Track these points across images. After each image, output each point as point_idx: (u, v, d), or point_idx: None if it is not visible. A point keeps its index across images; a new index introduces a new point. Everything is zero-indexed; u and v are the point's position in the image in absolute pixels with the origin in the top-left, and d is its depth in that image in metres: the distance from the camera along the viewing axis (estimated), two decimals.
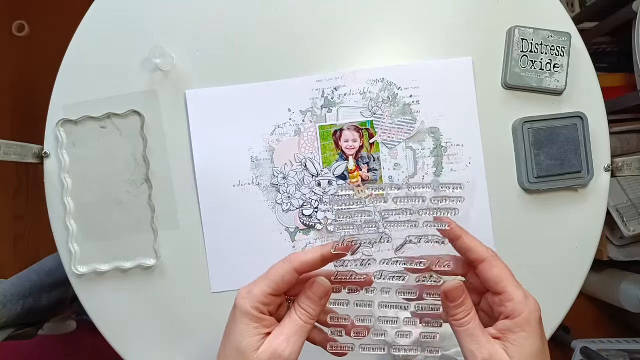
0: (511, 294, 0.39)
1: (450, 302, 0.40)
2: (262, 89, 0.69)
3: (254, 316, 0.40)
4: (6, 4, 1.60)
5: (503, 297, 0.40)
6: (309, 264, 0.41)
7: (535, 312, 0.39)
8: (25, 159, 0.68)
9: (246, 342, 0.39)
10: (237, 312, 0.40)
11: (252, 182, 0.68)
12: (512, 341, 0.39)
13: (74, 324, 1.36)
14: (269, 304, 0.41)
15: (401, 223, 0.42)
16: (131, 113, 0.68)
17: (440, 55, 0.69)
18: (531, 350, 0.38)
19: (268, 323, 0.41)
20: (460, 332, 0.40)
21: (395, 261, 0.42)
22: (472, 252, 0.41)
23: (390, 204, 0.42)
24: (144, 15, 0.69)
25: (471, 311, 0.40)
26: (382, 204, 0.42)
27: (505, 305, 0.40)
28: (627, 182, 1.32)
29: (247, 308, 0.40)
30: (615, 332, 1.51)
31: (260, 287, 0.41)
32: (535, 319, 0.39)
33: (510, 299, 0.39)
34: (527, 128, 0.67)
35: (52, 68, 0.69)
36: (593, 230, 0.69)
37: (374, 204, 0.42)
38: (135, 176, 0.68)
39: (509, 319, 0.39)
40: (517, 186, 0.69)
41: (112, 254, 0.68)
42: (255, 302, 0.40)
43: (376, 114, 0.68)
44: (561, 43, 0.67)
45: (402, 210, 0.42)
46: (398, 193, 0.42)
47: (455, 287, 0.40)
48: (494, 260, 0.41)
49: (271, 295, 0.41)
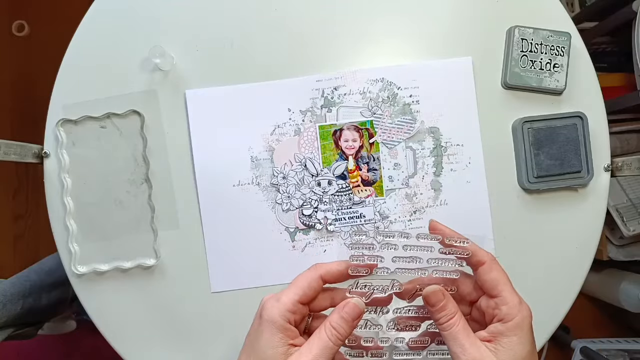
0: (507, 298, 0.40)
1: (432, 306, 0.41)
2: (262, 89, 0.69)
3: (280, 326, 0.40)
4: (6, 4, 1.60)
5: (499, 301, 0.41)
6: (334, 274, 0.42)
7: (528, 317, 0.40)
8: (25, 159, 0.68)
9: (271, 353, 0.39)
10: (263, 321, 0.40)
11: (252, 182, 0.68)
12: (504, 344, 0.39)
13: (74, 324, 1.36)
14: (296, 312, 0.41)
15: (411, 270, 0.43)
16: (131, 113, 0.68)
17: (440, 55, 0.69)
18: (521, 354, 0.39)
19: (293, 334, 0.41)
20: (445, 335, 0.41)
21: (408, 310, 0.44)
22: (473, 255, 0.42)
23: (401, 252, 0.43)
24: (144, 15, 0.69)
25: (454, 315, 0.41)
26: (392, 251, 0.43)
27: (500, 308, 0.40)
28: (627, 182, 1.32)
29: (275, 317, 0.40)
30: (615, 332, 1.51)
31: (288, 296, 0.41)
32: (527, 325, 0.40)
33: (505, 302, 0.40)
34: (527, 128, 0.67)
35: (52, 68, 0.69)
36: (593, 230, 0.69)
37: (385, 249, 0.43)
38: (135, 176, 0.68)
39: (502, 323, 0.40)
40: (517, 186, 0.69)
41: (112, 254, 0.68)
42: (284, 310, 0.40)
43: (376, 114, 0.68)
44: (561, 43, 0.67)
45: (412, 258, 0.43)
46: (407, 242, 0.43)
47: (434, 291, 0.41)
48: (493, 264, 0.42)
49: (299, 304, 0.41)
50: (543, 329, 0.69)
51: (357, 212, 0.68)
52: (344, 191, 0.68)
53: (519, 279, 0.69)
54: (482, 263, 0.42)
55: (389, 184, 0.68)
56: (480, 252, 0.42)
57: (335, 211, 0.68)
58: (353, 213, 0.68)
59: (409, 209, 0.68)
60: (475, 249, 0.42)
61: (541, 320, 0.69)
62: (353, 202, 0.68)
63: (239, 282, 0.68)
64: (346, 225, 0.68)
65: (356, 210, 0.68)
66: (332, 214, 0.68)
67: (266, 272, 0.68)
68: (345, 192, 0.68)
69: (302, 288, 0.41)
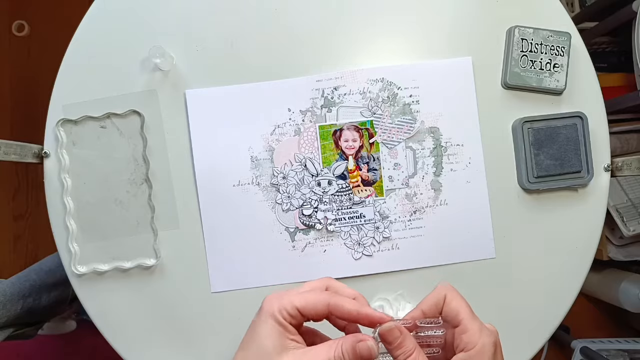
0: (467, 326, 0.40)
1: (389, 344, 0.40)
2: (262, 89, 0.69)
3: (278, 320, 0.40)
4: (6, 4, 1.60)
5: (459, 330, 0.40)
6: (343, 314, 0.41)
7: (490, 345, 0.39)
8: (25, 159, 0.68)
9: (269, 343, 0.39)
10: (263, 313, 0.40)
11: (252, 182, 0.68)
12: None
13: (74, 324, 1.36)
14: (294, 317, 0.40)
15: None
16: (131, 113, 0.68)
17: (440, 55, 0.69)
18: None
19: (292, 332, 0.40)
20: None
21: None
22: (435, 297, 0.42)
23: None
24: (144, 15, 0.69)
25: (412, 352, 0.39)
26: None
27: (461, 337, 0.40)
28: (627, 182, 1.32)
29: (273, 310, 0.40)
30: (615, 332, 1.51)
31: (290, 299, 0.40)
32: (489, 351, 0.39)
33: (465, 330, 0.40)
34: (527, 128, 0.67)
35: (52, 68, 0.69)
36: (593, 230, 0.69)
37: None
38: (135, 176, 0.68)
39: (463, 352, 0.40)
40: (517, 186, 0.69)
41: (112, 254, 0.68)
42: (282, 308, 0.40)
43: (376, 114, 0.68)
44: (561, 43, 0.67)
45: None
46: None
47: (389, 329, 0.40)
48: (452, 294, 0.42)
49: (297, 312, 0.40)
50: (543, 329, 0.69)
51: (357, 212, 0.68)
52: (344, 191, 0.68)
53: (518, 279, 0.69)
54: (443, 297, 0.41)
55: (389, 184, 0.68)
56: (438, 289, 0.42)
57: (335, 211, 0.68)
58: (353, 213, 0.68)
59: (409, 209, 0.68)
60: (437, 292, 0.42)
61: (541, 320, 0.69)
62: (353, 202, 0.68)
63: (239, 282, 0.68)
64: (346, 225, 0.68)
65: (356, 210, 0.68)
66: (332, 214, 0.68)
67: (266, 272, 0.68)
68: (345, 192, 0.68)
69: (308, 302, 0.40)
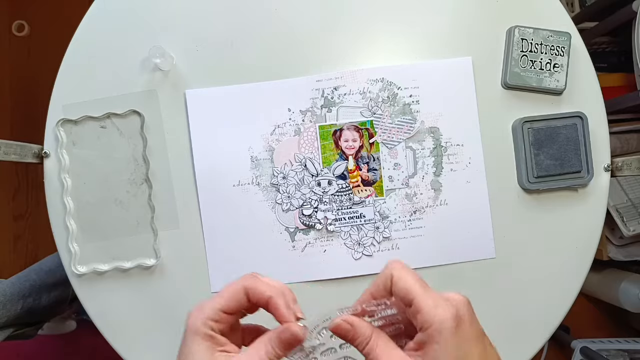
0: (420, 304, 0.36)
1: (343, 338, 0.38)
2: (262, 89, 0.69)
3: (204, 334, 0.38)
4: (6, 4, 1.60)
5: (413, 310, 0.37)
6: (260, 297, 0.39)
7: (448, 320, 0.35)
8: (25, 159, 0.68)
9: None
10: (187, 333, 0.39)
11: (252, 182, 0.68)
12: (428, 353, 0.36)
13: (74, 324, 1.36)
14: (220, 321, 0.39)
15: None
16: (131, 113, 0.68)
17: (440, 55, 0.69)
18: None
19: (221, 342, 0.39)
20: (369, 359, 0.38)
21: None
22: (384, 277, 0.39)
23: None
24: (144, 15, 0.69)
25: (369, 339, 0.38)
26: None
27: (416, 317, 0.37)
28: (627, 182, 1.32)
29: (197, 326, 0.38)
30: (615, 332, 1.51)
31: (211, 304, 0.39)
32: (447, 329, 0.35)
33: (419, 310, 0.36)
34: (527, 128, 0.67)
35: (52, 68, 0.69)
36: (593, 230, 0.69)
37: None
38: (135, 176, 0.68)
39: (421, 332, 0.37)
40: (517, 186, 0.69)
41: (112, 254, 0.68)
42: (206, 319, 0.38)
43: (376, 114, 0.68)
44: (561, 43, 0.67)
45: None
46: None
47: (336, 325, 0.38)
48: (397, 272, 0.38)
49: (223, 313, 0.39)
50: (543, 329, 0.69)
51: (357, 212, 0.68)
52: (344, 191, 0.68)
53: (518, 279, 0.69)
54: (390, 276, 0.38)
55: (389, 184, 0.68)
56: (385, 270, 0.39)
57: (335, 211, 0.68)
58: (353, 213, 0.68)
59: (409, 209, 0.68)
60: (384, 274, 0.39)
61: (541, 320, 0.69)
62: (353, 202, 0.68)
63: None
64: (346, 225, 0.68)
65: (356, 210, 0.68)
66: (332, 214, 0.68)
67: (266, 272, 0.68)
68: (345, 192, 0.68)
69: (225, 298, 0.39)
